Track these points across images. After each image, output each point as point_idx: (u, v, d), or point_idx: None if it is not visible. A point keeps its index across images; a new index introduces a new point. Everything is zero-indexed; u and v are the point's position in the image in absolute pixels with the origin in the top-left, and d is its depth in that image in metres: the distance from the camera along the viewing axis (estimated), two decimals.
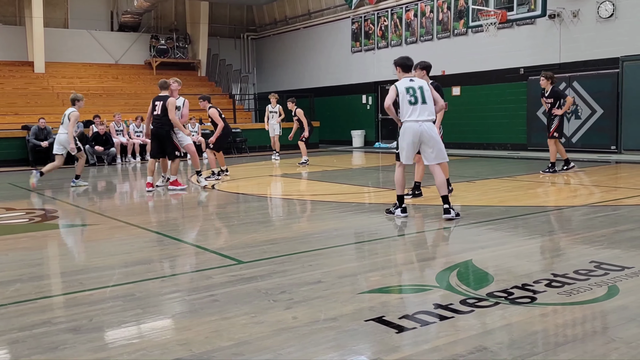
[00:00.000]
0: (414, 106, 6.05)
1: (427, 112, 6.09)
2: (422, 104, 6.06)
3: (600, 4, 13.77)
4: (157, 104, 9.12)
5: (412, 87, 6.10)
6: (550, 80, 10.09)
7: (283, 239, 5.47)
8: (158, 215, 7.54)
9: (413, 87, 6.10)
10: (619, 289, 3.58)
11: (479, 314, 3.21)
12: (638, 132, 13.37)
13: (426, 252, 4.98)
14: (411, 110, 6.06)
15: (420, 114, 6.06)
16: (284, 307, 3.40)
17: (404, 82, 6.16)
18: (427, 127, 6.07)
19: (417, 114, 6.06)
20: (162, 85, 9.41)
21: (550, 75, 10.18)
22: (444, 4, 17.52)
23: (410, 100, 6.06)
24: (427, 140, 6.11)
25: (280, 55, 24.38)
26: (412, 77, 6.24)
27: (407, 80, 6.17)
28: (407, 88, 6.10)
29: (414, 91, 6.08)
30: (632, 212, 6.40)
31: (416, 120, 6.06)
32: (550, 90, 10.11)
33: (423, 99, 6.08)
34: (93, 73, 21.98)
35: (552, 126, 10.13)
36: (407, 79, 6.19)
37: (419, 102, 6.06)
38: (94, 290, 3.87)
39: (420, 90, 6.11)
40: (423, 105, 6.06)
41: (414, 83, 6.15)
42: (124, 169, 14.26)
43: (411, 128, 6.08)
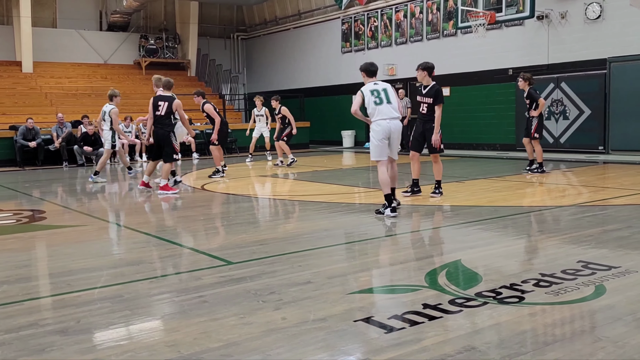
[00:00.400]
0: (380, 106, 6.43)
1: (393, 112, 6.47)
2: (387, 103, 6.44)
3: (588, 5, 13.88)
4: (161, 104, 8.77)
5: (376, 90, 6.49)
6: (528, 82, 10.24)
7: (273, 239, 5.47)
8: (147, 216, 7.50)
9: (377, 89, 6.50)
10: (606, 288, 3.60)
11: (468, 314, 3.22)
12: (625, 133, 13.49)
13: (415, 252, 4.99)
14: (378, 110, 6.43)
15: (387, 113, 6.43)
16: (273, 307, 3.40)
17: (368, 86, 6.56)
18: (395, 124, 6.46)
19: (384, 113, 6.42)
20: (167, 84, 9.10)
21: (528, 77, 10.33)
22: (434, 5, 17.58)
23: (375, 101, 6.44)
24: (393, 138, 6.49)
25: (271, 55, 24.35)
26: (376, 81, 6.60)
27: (372, 84, 6.55)
28: (371, 91, 6.50)
29: (378, 93, 6.46)
30: (619, 212, 6.45)
31: (384, 119, 6.42)
32: (527, 92, 10.29)
33: (387, 99, 6.46)
34: (82, 73, 21.85)
35: (532, 127, 10.28)
36: (371, 83, 6.58)
37: (384, 102, 6.44)
38: (81, 291, 3.85)
39: (384, 91, 6.50)
40: (388, 104, 6.44)
41: (378, 86, 6.54)
42: (113, 170, 14.17)
43: (381, 126, 6.44)
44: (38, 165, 14.98)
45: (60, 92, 20.19)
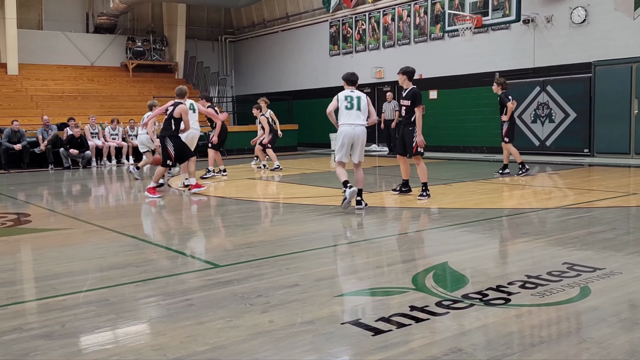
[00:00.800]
0: (350, 111, 7.00)
1: (360, 118, 7.01)
2: (356, 110, 6.99)
3: (573, 9, 14.02)
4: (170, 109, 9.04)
5: (350, 96, 7.07)
6: (501, 87, 10.50)
7: (260, 242, 5.46)
8: (134, 219, 7.46)
9: (352, 96, 7.08)
10: (591, 290, 3.64)
11: (455, 316, 3.24)
12: (610, 136, 13.64)
13: (403, 255, 5.00)
14: (347, 114, 7.00)
15: (355, 119, 6.99)
16: (260, 310, 3.39)
17: (345, 92, 7.14)
18: (359, 130, 7.01)
19: (352, 118, 6.99)
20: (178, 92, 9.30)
21: (502, 81, 10.59)
22: (421, 9, 17.68)
23: (346, 106, 7.01)
24: (357, 142, 7.04)
25: (259, 58, 24.33)
26: (353, 89, 7.16)
27: (348, 91, 7.14)
28: (346, 96, 7.09)
29: (351, 99, 7.04)
30: (604, 214, 6.52)
31: (350, 124, 6.98)
32: (499, 96, 10.54)
33: (358, 106, 7.01)
34: (68, 75, 21.69)
35: (502, 131, 10.59)
36: (348, 90, 7.16)
37: (354, 109, 7.00)
38: (67, 295, 3.81)
39: (358, 99, 7.05)
40: (357, 111, 6.99)
41: (354, 94, 7.10)
42: (99, 172, 14.08)
43: (345, 131, 7.01)
44: (23, 168, 14.84)
45: (46, 95, 20.03)
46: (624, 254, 4.57)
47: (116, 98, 21.01)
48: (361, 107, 7.01)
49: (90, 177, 13.24)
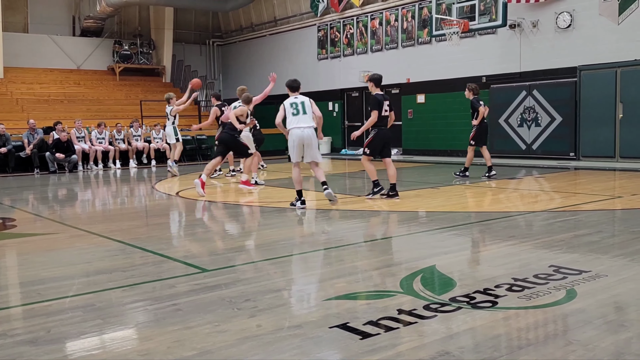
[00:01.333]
0: (297, 116, 7.60)
1: (307, 121, 7.61)
2: (303, 114, 7.61)
3: (559, 14, 14.17)
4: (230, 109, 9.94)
5: (295, 102, 7.67)
6: (472, 92, 10.80)
7: (248, 246, 5.44)
8: (121, 223, 7.40)
9: (296, 102, 7.67)
10: (577, 292, 3.67)
11: (442, 319, 3.25)
12: (595, 139, 13.77)
13: (391, 258, 5.01)
14: (295, 119, 7.60)
15: (302, 122, 7.59)
16: (248, 315, 3.38)
17: (289, 100, 7.74)
18: (308, 132, 7.59)
19: (300, 122, 7.58)
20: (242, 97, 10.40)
21: (473, 87, 10.86)
22: (408, 13, 17.77)
23: (293, 112, 7.62)
24: (308, 143, 7.62)
25: (247, 61, 24.31)
26: (296, 95, 7.76)
27: (293, 98, 7.74)
28: (291, 103, 7.69)
29: (296, 105, 7.65)
30: (589, 217, 6.58)
31: (299, 127, 7.56)
32: (471, 101, 10.83)
33: (304, 110, 7.63)
34: (54, 79, 21.52)
35: (470, 134, 10.98)
36: (292, 97, 7.75)
37: (300, 113, 7.60)
38: (52, 300, 3.78)
39: (302, 104, 7.67)
40: (304, 115, 7.61)
41: (297, 99, 7.71)
42: (86, 177, 13.98)
43: (296, 134, 7.59)
44: (8, 172, 14.69)
45: (31, 98, 19.87)
46: (609, 257, 4.62)
47: (103, 102, 20.88)
48: (307, 110, 7.63)
49: (76, 181, 13.14)
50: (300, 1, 21.50)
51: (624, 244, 5.13)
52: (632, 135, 13.17)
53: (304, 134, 7.58)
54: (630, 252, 4.77)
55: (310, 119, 7.64)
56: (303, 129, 7.57)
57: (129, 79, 23.08)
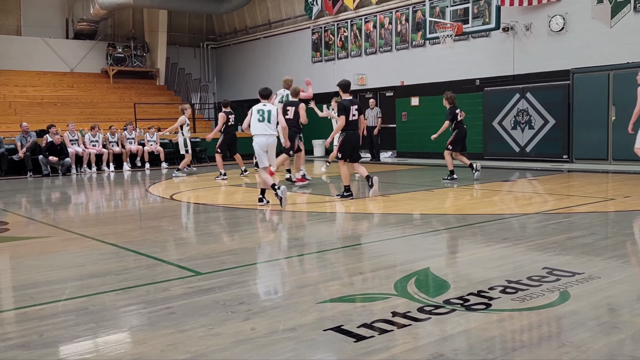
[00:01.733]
0: (261, 123, 8.00)
1: (270, 129, 8.04)
2: (267, 122, 8.02)
3: (552, 18, 14.24)
4: (290, 109, 10.35)
5: (262, 110, 8.07)
6: (448, 101, 11.15)
7: (242, 249, 5.43)
8: (114, 226, 7.37)
9: (263, 109, 8.07)
10: (570, 294, 3.68)
11: (436, 321, 3.25)
12: (588, 142, 13.84)
13: (385, 261, 5.01)
14: (259, 126, 8.00)
15: (267, 130, 8.02)
16: (242, 318, 3.37)
17: (258, 106, 8.14)
18: (271, 140, 8.09)
19: (264, 129, 8.00)
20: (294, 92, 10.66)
21: (449, 96, 11.20)
22: (402, 16, 17.82)
23: (258, 119, 8.02)
24: (269, 149, 8.08)
25: (241, 64, 24.31)
26: (265, 103, 8.16)
27: (261, 105, 8.14)
28: (258, 110, 8.08)
29: (263, 112, 8.04)
30: (583, 219, 6.61)
31: (263, 134, 8.00)
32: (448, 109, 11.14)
33: (269, 119, 8.03)
34: (47, 81, 21.46)
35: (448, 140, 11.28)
36: (261, 104, 8.16)
37: (265, 121, 8.01)
38: (45, 304, 3.76)
39: (269, 112, 8.06)
40: (268, 123, 8.02)
41: (265, 107, 8.11)
42: (79, 180, 13.92)
43: (260, 141, 8.02)
44: (1, 176, 14.62)
45: (24, 101, 19.80)
46: (602, 259, 4.64)
47: (96, 105, 20.83)
48: (271, 119, 8.03)
49: (69, 184, 13.08)
50: (294, 4, 21.53)
51: (617, 246, 5.15)
52: (625, 138, 13.19)
53: (268, 141, 8.06)
54: (623, 254, 4.79)
55: (272, 127, 8.07)
56: (267, 136, 8.03)
57: (123, 82, 23.03)
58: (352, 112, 8.47)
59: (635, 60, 12.89)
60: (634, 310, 3.38)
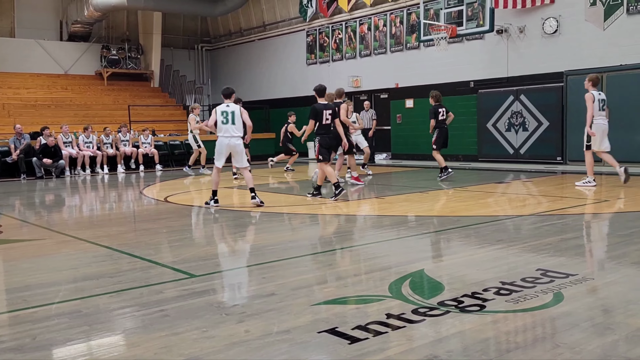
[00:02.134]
0: (225, 125, 8.01)
1: (235, 131, 8.05)
2: (231, 124, 8.01)
3: (545, 20, 14.30)
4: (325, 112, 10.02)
5: (226, 111, 8.05)
6: (434, 99, 11.36)
7: (236, 251, 5.42)
8: (108, 229, 7.35)
9: (227, 111, 8.05)
10: (564, 295, 3.69)
11: (431, 323, 3.25)
12: (582, 144, 13.86)
13: (379, 263, 5.01)
14: (224, 128, 8.02)
15: (230, 131, 8.02)
16: (236, 320, 3.36)
17: (221, 107, 8.13)
18: (234, 141, 8.08)
19: (228, 131, 8.01)
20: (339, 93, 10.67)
21: (434, 95, 11.41)
22: (397, 18, 17.85)
23: (222, 121, 8.02)
24: (234, 151, 8.16)
25: (236, 66, 24.30)
26: (228, 104, 8.15)
27: (224, 106, 8.12)
28: (222, 112, 8.06)
29: (226, 114, 8.02)
30: (576, 220, 6.63)
31: (225, 136, 8.02)
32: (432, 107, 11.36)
33: (233, 120, 8.02)
34: (41, 83, 21.38)
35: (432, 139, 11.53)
36: (224, 105, 8.14)
37: (229, 123, 8.01)
38: (38, 307, 3.74)
39: (232, 114, 8.03)
40: (232, 125, 8.02)
41: (229, 108, 8.08)
42: (73, 182, 13.87)
43: (222, 141, 8.08)
44: None
45: (18, 103, 19.72)
46: (596, 260, 4.65)
47: (90, 107, 20.76)
48: (235, 121, 8.04)
49: (63, 186, 13.04)
50: (289, 6, 21.54)
51: (611, 248, 5.17)
52: (618, 140, 13.27)
53: (231, 143, 8.08)
54: (617, 255, 4.80)
55: (238, 128, 8.09)
56: (230, 138, 8.05)
57: (117, 84, 22.98)
58: (325, 117, 8.72)
59: (628, 63, 12.96)
60: (628, 311, 3.39)
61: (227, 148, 8.12)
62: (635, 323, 3.17)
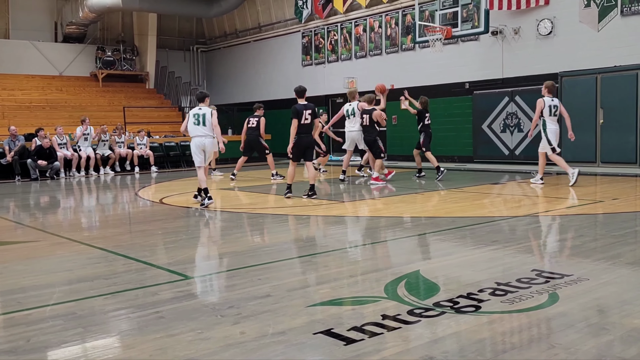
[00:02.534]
0: (197, 126, 8.50)
1: (206, 132, 8.52)
2: (202, 125, 8.50)
3: (540, 21, 14.34)
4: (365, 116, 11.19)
5: (198, 113, 8.59)
6: (422, 105, 12.12)
7: (232, 253, 5.41)
8: (103, 230, 7.33)
9: (199, 113, 8.59)
10: (559, 296, 3.69)
11: (426, 324, 3.25)
12: (577, 145, 13.90)
13: (375, 264, 5.01)
14: (195, 129, 8.52)
15: (201, 131, 8.49)
16: (231, 322, 3.35)
17: (194, 110, 8.65)
18: (207, 140, 8.55)
19: (199, 131, 8.50)
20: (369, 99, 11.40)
21: (422, 100, 12.17)
22: (392, 20, 17.87)
23: (194, 122, 8.53)
24: (206, 150, 8.58)
25: (231, 68, 24.27)
26: (200, 107, 8.64)
27: (197, 109, 8.65)
28: (194, 114, 8.58)
29: (198, 116, 8.55)
30: (571, 221, 6.65)
31: (198, 136, 8.50)
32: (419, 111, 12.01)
33: (203, 122, 8.51)
34: (36, 85, 21.30)
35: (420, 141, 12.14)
36: (197, 108, 8.67)
37: (200, 124, 8.51)
38: (32, 309, 3.72)
39: (203, 116, 8.53)
40: (203, 126, 8.51)
41: (201, 111, 8.57)
42: (68, 184, 13.83)
43: (197, 142, 8.56)
44: None
45: (13, 105, 19.64)
46: (590, 261, 4.66)
47: (85, 108, 20.68)
48: (206, 123, 8.48)
49: (58, 188, 12.99)
50: (284, 8, 21.54)
51: (605, 248, 5.18)
52: (613, 141, 13.35)
53: (204, 142, 8.55)
54: (612, 255, 4.82)
55: (208, 129, 8.51)
56: (202, 137, 8.53)
57: (112, 85, 22.92)
58: (304, 116, 9.03)
59: (622, 64, 13.01)
60: (623, 311, 3.40)
61: (201, 147, 8.54)
62: (630, 323, 3.18)
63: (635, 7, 12.82)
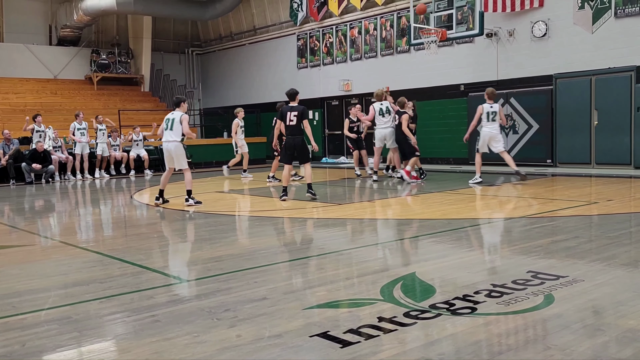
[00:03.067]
0: (166, 131, 8.85)
1: (172, 136, 8.81)
2: (169, 130, 8.82)
3: (534, 23, 14.40)
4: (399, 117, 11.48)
5: (168, 119, 8.89)
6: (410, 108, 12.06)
7: (228, 255, 5.41)
8: (98, 234, 7.31)
9: (169, 118, 8.89)
10: (554, 297, 3.70)
11: (422, 326, 3.25)
12: (571, 146, 13.98)
13: (371, 266, 5.01)
14: (165, 133, 8.86)
15: (168, 136, 8.84)
16: (227, 325, 3.35)
17: (168, 115, 8.96)
18: (172, 145, 8.86)
19: (166, 136, 8.84)
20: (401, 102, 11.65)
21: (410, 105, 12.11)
22: (387, 22, 17.91)
23: (164, 127, 8.91)
24: (172, 154, 8.88)
25: (226, 70, 24.26)
26: (173, 112, 8.92)
27: (170, 114, 8.94)
28: (166, 119, 8.92)
29: (168, 121, 8.87)
30: (566, 223, 6.66)
31: (166, 141, 8.88)
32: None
33: (171, 127, 8.80)
34: (30, 88, 21.24)
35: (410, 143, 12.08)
36: (170, 113, 8.94)
37: (168, 129, 8.83)
38: (27, 314, 3.71)
39: (172, 120, 8.82)
40: (170, 130, 8.81)
41: (172, 116, 8.89)
42: (63, 187, 13.78)
43: (164, 146, 8.97)
44: None
45: (7, 108, 19.57)
46: (586, 262, 4.67)
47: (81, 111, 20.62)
48: (173, 127, 8.78)
49: (53, 192, 12.95)
50: (279, 10, 21.55)
51: (600, 249, 5.20)
52: (607, 142, 13.40)
53: (169, 147, 8.88)
54: (607, 256, 4.83)
55: (175, 134, 8.79)
56: (168, 142, 8.85)
57: (107, 89, 22.87)
58: (289, 118, 9.17)
59: (616, 66, 13.07)
60: (618, 312, 3.41)
61: (167, 152, 8.92)
62: (625, 324, 3.19)
63: (629, 9, 12.89)
